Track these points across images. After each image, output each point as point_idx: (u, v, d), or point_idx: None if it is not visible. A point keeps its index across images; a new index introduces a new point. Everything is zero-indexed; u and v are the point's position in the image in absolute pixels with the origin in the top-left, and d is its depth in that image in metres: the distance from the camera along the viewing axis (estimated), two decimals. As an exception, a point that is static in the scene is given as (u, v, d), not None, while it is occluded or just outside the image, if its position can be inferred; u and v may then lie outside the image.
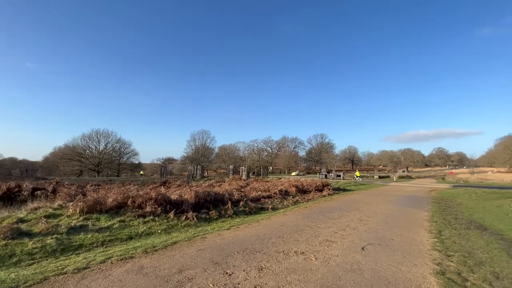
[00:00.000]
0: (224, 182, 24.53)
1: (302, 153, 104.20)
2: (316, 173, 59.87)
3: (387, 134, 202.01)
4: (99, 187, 17.72)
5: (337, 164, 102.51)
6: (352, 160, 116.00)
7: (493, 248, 5.89)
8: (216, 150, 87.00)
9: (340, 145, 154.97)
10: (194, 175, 38.52)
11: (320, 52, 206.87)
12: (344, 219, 8.75)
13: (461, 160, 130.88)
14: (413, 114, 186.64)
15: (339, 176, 41.77)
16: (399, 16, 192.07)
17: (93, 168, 55.60)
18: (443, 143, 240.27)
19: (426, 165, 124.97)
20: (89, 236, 6.15)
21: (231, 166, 42.97)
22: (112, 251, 5.21)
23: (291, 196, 14.74)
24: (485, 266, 4.77)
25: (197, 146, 75.79)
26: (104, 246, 5.74)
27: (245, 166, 37.95)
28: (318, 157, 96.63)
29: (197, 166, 42.08)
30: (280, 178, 28.53)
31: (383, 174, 58.28)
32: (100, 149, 58.85)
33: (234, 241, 5.94)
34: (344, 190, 21.02)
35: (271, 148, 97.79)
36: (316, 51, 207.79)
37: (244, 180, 27.17)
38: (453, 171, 71.27)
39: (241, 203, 11.01)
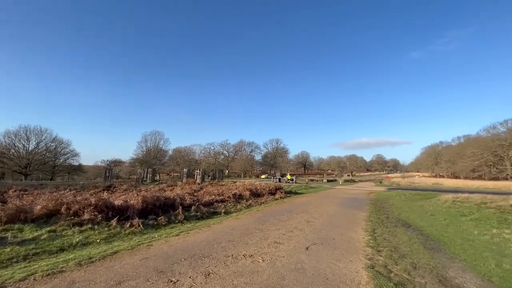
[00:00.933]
0: (177, 186, 23.54)
1: (258, 157, 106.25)
2: (271, 176, 61.53)
3: (336, 141, 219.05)
4: (26, 192, 15.37)
5: (291, 168, 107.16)
6: (304, 165, 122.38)
7: (414, 243, 6.84)
8: (170, 152, 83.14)
9: (294, 150, 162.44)
10: (144, 179, 36.08)
11: (276, 57, 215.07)
12: (293, 221, 9.19)
13: (395, 166, 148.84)
14: (358, 124, 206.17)
15: (292, 180, 43.66)
16: (338, 31, 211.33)
17: (19, 171, 47.79)
18: (381, 150, 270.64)
19: (368, 170, 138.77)
20: (8, 250, 5.29)
21: (185, 170, 41.47)
22: (37, 266, 4.57)
23: (245, 200, 14.89)
24: (407, 258, 5.51)
25: (148, 147, 71.25)
26: (27, 260, 4.99)
27: (200, 170, 37.00)
28: (273, 161, 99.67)
29: (147, 169, 39.50)
30: (235, 182, 28.59)
31: (331, 178, 62.80)
32: (30, 148, 50.97)
33: (183, 247, 5.75)
34: (296, 193, 22.04)
35: (227, 152, 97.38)
36: (272, 56, 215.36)
37: (199, 184, 26.48)
38: (389, 175, 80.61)
39: (193, 208, 10.71)
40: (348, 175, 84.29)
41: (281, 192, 19.14)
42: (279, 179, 44.54)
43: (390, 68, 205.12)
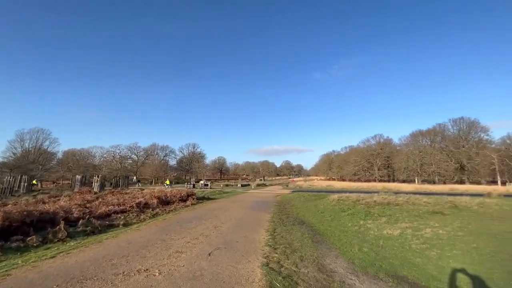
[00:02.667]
0: (63, 196, 19.41)
1: (173, 162, 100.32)
2: (185, 182, 58.99)
3: (252, 147, 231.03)
4: None
5: (207, 173, 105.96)
6: (220, 170, 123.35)
7: (305, 238, 7.87)
8: (60, 155, 68.23)
9: (211, 155, 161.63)
10: (16, 189, 28.12)
11: (196, 59, 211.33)
12: (200, 227, 9.04)
13: (300, 171, 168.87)
14: (272, 132, 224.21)
15: (207, 185, 43.18)
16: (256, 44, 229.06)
17: None
18: (290, 156, 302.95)
19: (278, 174, 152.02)
20: None
21: (78, 176, 34.75)
22: None
23: (151, 209, 13.68)
24: (297, 253, 6.27)
25: (26, 149, 56.19)
26: None
27: (98, 176, 31.77)
28: (189, 166, 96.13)
29: (21, 176, 31.04)
30: (143, 189, 25.96)
31: (245, 183, 65.62)
32: None
33: (58, 271, 4.74)
34: (209, 198, 21.86)
35: (137, 156, 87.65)
36: (193, 56, 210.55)
37: (96, 192, 22.63)
38: (294, 179, 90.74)
39: (82, 221, 9.04)
40: (261, 180, 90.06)
41: (193, 199, 18.59)
42: (193, 184, 43.27)
43: (298, 84, 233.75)
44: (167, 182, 44.20)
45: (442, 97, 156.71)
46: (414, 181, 64.89)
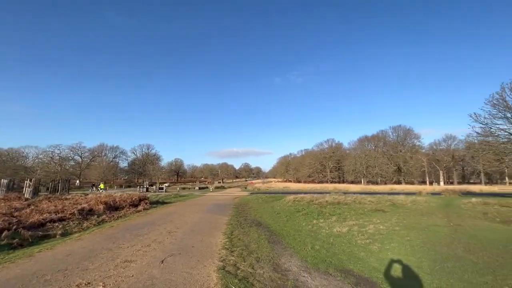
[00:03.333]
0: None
1: (124, 164, 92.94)
2: (137, 186, 55.05)
3: (212, 149, 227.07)
4: None
5: (163, 176, 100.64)
6: (177, 173, 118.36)
7: (261, 239, 8.00)
8: (-22, 156, 57.66)
9: (167, 157, 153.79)
10: None
11: (150, 57, 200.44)
12: (153, 233, 8.52)
13: (258, 173, 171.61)
14: (231, 134, 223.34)
15: (162, 188, 41.00)
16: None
17: None
18: (249, 159, 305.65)
19: (237, 177, 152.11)
20: None
21: (4, 180, 29.79)
22: None
23: (96, 216, 12.41)
24: (253, 254, 6.33)
25: None
26: None
27: (31, 180, 27.68)
28: (143, 168, 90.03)
29: None
30: (87, 194, 23.45)
31: (203, 186, 64.05)
32: None
33: (-29, 294, 3.98)
34: (164, 203, 20.77)
35: (81, 157, 78.79)
36: (147, 53, 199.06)
37: (27, 199, 19.64)
38: (253, 181, 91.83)
39: (6, 233, 7.76)
40: (219, 182, 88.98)
41: (146, 203, 17.44)
42: (147, 188, 40.65)
43: (259, 87, 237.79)
44: (101, 186, 40.64)
45: (385, 105, 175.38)
46: (361, 182, 71.17)
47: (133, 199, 17.25)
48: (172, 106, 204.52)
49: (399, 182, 67.70)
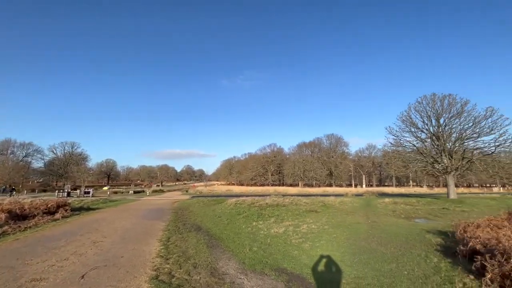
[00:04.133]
0: None
1: (39, 164, 78.66)
2: (56, 190, 47.11)
3: (149, 150, 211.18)
4: None
5: (90, 179, 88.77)
6: (109, 175, 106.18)
7: (200, 244, 7.80)
8: None
9: (98, 158, 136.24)
10: None
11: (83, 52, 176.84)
12: (72, 245, 7.42)
13: (201, 176, 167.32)
14: (173, 135, 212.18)
15: (88, 193, 36.09)
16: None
17: None
18: (192, 161, 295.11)
19: (178, 180, 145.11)
20: None
21: None
22: None
23: (-5, 227, 10.14)
24: (191, 260, 6.12)
25: None
26: None
27: None
28: (64, 170, 77.66)
29: None
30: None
31: (138, 189, 58.95)
32: None
33: None
34: (89, 209, 18.32)
35: (-25, 155, 63.32)
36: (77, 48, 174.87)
37: None
38: (195, 184, 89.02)
39: None
40: (158, 185, 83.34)
41: (66, 210, 15.08)
42: (68, 192, 35.19)
43: (205, 89, 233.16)
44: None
45: (320, 114, 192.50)
46: (298, 184, 76.36)
47: (49, 205, 14.72)
48: (108, 103, 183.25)
49: (330, 185, 75.11)
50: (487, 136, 20.68)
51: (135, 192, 47.62)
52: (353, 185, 78.96)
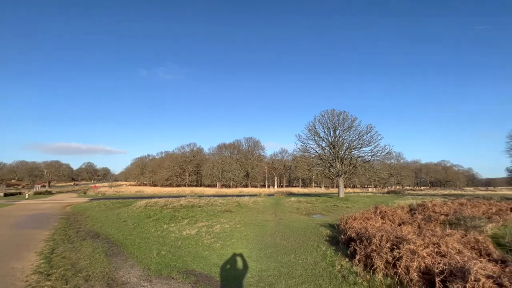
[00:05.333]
0: None
1: None
2: None
3: (34, 141, 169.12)
4: None
5: None
6: (-38, 172, 78.91)
7: (97, 253, 6.81)
8: None
9: None
10: None
11: None
12: None
13: (105, 175, 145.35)
14: (70, 126, 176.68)
15: None
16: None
17: None
18: (94, 158, 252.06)
19: (73, 179, 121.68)
20: None
21: None
22: None
23: None
24: (82, 273, 5.27)
25: None
26: None
27: None
28: None
29: None
30: None
31: (13, 191, 46.24)
32: None
33: None
34: None
35: None
36: None
37: None
38: (97, 185, 76.64)
39: None
40: (43, 186, 67.76)
41: None
42: None
43: (118, 77, 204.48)
44: None
45: (241, 117, 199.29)
46: (216, 185, 76.57)
47: None
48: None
49: (246, 186, 78.57)
50: (367, 147, 26.23)
51: (7, 195, 37.17)
52: (266, 186, 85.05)
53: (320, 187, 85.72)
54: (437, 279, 3.64)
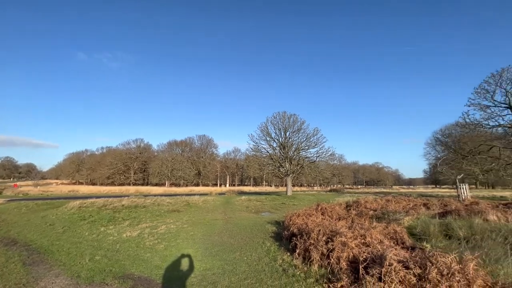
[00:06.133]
0: None
1: None
2: None
3: None
4: None
5: None
6: None
7: (12, 263, 5.86)
8: None
9: None
10: None
11: None
12: None
13: (29, 172, 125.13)
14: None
15: None
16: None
17: None
18: (15, 152, 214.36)
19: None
20: None
21: None
22: None
23: None
24: (-10, 287, 4.48)
25: None
26: None
27: None
28: None
29: None
30: None
31: None
32: None
33: None
34: None
35: None
36: None
37: None
38: (18, 183, 65.40)
39: None
40: None
41: None
42: None
43: (50, 59, 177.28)
44: None
45: (195, 114, 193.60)
46: (165, 184, 72.82)
47: None
48: None
49: (197, 184, 76.65)
50: (313, 148, 28.18)
51: None
52: (218, 185, 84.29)
53: (271, 186, 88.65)
54: (360, 266, 4.15)
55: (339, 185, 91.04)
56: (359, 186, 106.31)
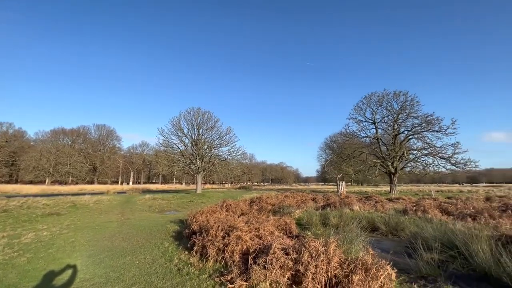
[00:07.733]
0: None
1: None
2: None
3: None
4: None
5: None
6: None
7: None
8: None
9: None
10: None
11: None
12: None
13: None
14: None
15: None
16: None
17: None
18: None
19: None
20: None
21: None
22: None
23: None
24: None
25: None
26: None
27: None
28: None
29: None
30: None
31: None
32: None
33: None
34: None
35: None
36: None
37: None
38: None
39: None
40: None
41: None
42: None
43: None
44: None
45: (94, 99, 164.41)
46: (45, 181, 58.66)
47: None
48: None
49: (92, 182, 65.41)
50: (225, 147, 28.79)
51: None
52: (119, 182, 74.41)
53: (181, 183, 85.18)
54: (250, 257, 4.50)
55: (248, 183, 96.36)
56: (266, 184, 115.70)
